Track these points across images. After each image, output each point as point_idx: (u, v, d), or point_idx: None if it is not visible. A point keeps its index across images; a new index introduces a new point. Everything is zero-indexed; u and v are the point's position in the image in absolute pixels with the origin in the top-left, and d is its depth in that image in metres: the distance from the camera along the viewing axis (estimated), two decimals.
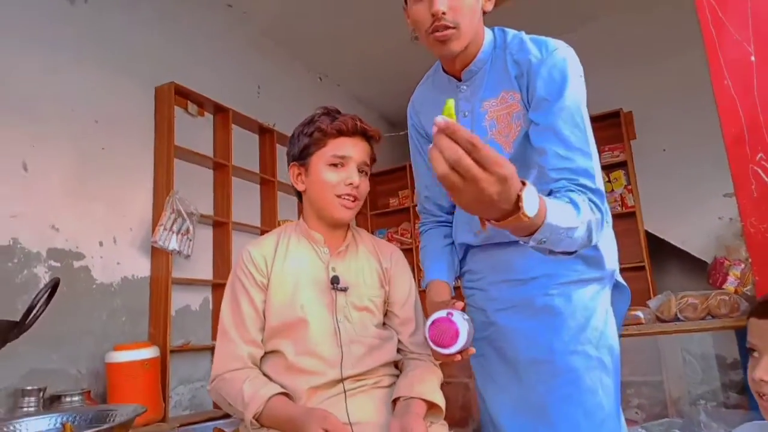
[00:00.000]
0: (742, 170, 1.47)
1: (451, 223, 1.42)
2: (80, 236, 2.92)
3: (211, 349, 3.56)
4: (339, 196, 1.26)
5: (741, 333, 2.34)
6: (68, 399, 2.48)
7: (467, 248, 1.37)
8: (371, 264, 1.35)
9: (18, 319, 1.22)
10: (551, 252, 0.93)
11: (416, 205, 5.31)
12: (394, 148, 5.97)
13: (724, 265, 3.61)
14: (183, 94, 3.60)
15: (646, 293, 4.10)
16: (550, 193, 1.05)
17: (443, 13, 1.09)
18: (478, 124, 1.21)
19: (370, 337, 1.26)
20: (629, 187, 4.37)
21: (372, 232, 6.11)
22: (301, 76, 5.04)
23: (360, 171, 1.28)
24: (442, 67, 1.29)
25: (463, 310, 1.11)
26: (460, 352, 1.05)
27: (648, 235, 4.29)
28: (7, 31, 2.71)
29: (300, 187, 1.32)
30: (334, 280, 1.24)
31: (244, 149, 4.12)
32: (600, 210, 1.02)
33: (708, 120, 3.63)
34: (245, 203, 4.05)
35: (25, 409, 2.36)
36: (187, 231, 3.30)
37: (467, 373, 3.50)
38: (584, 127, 1.09)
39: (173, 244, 3.20)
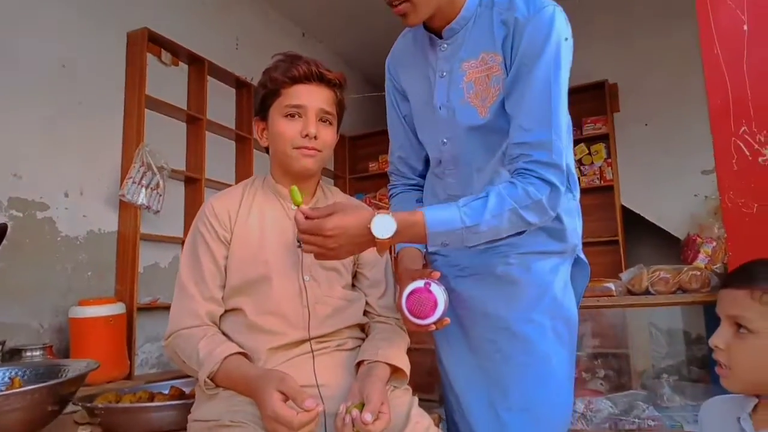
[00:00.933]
0: (725, 143, 1.43)
1: (422, 187, 1.37)
2: (45, 186, 2.80)
3: None
4: (297, 148, 1.17)
5: (709, 308, 2.35)
6: (28, 354, 2.41)
7: None
8: None
9: None
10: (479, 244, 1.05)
11: None
12: (374, 110, 5.87)
13: (696, 242, 3.65)
14: (156, 42, 3.44)
15: (619, 267, 4.13)
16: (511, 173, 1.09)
17: None
18: (454, 86, 1.15)
19: (336, 297, 1.20)
20: (609, 160, 4.36)
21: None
22: (282, 31, 4.87)
23: (322, 120, 1.20)
24: (424, 24, 1.21)
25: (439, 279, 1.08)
26: (435, 323, 1.03)
27: (624, 209, 4.30)
28: None
29: (263, 143, 1.25)
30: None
31: (220, 103, 3.99)
32: (548, 183, 1.03)
33: (693, 96, 3.64)
34: (219, 160, 3.94)
35: None
36: (157, 185, 3.19)
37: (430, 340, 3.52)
38: (556, 96, 1.05)
39: (142, 198, 3.10)
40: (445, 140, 1.19)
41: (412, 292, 1.03)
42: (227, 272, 1.18)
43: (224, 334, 1.17)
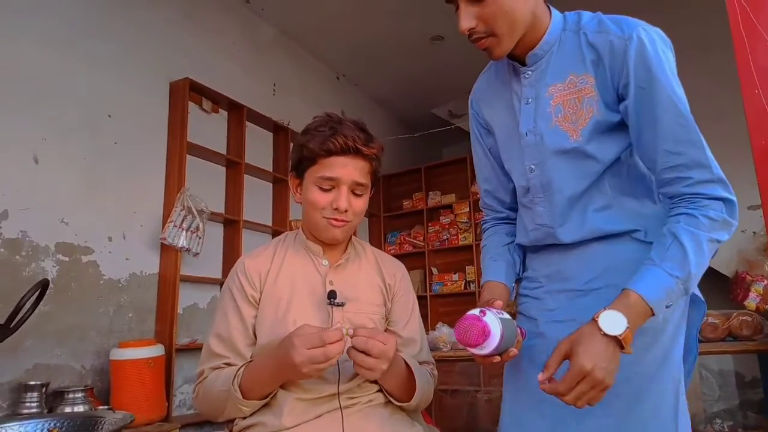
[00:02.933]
0: None
1: (513, 220, 1.33)
2: (90, 231, 2.90)
3: None
4: (327, 218, 1.19)
5: (764, 355, 2.24)
6: (70, 396, 2.45)
7: (525, 251, 1.29)
8: (373, 279, 1.28)
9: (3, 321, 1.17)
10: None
11: (430, 209, 5.21)
12: (407, 150, 5.92)
13: (746, 281, 3.50)
14: (198, 90, 3.57)
15: None
16: (667, 202, 1.04)
17: (472, 29, 1.04)
18: (541, 110, 1.12)
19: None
20: None
21: (384, 234, 6.08)
22: (318, 75, 5.00)
23: (354, 192, 1.21)
24: None
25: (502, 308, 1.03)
26: (499, 354, 0.98)
27: None
28: (24, 23, 2.70)
29: (297, 199, 1.27)
30: (331, 295, 1.17)
31: (258, 147, 4.10)
32: (723, 200, 0.99)
33: (737, 129, 3.54)
34: (257, 202, 4.02)
35: (27, 404, 2.34)
36: (197, 228, 3.27)
37: (472, 382, 3.43)
38: (688, 112, 1.01)
39: (182, 241, 3.18)
40: (532, 167, 1.15)
41: (461, 320, 0.98)
42: (257, 331, 1.18)
43: None
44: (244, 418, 1.14)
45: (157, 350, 2.82)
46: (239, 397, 1.08)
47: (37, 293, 1.44)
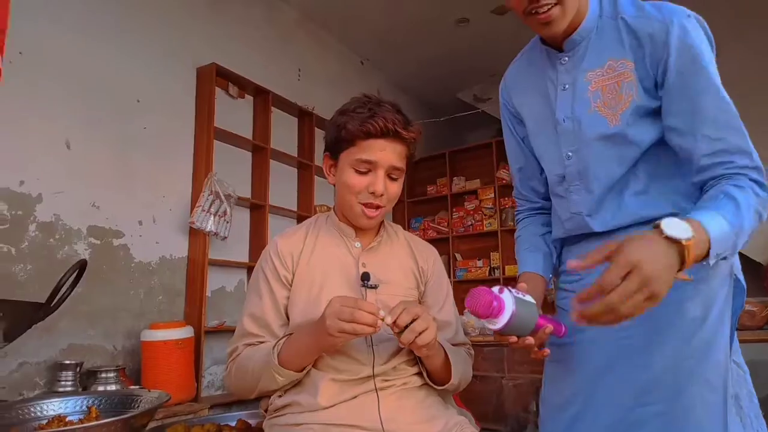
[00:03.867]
0: None
1: (548, 210, 1.31)
2: (120, 215, 2.96)
3: None
4: (362, 203, 1.18)
5: None
6: (103, 375, 2.52)
7: (562, 244, 1.26)
8: (407, 262, 1.28)
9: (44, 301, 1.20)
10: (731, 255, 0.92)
11: (454, 194, 5.20)
12: (432, 135, 5.89)
13: None
14: (224, 76, 3.59)
15: None
16: (702, 187, 0.99)
17: None
18: (579, 96, 1.10)
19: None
20: None
21: (408, 220, 6.08)
22: (342, 60, 4.99)
23: (390, 176, 1.19)
24: (540, 39, 1.19)
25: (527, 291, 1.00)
26: (516, 335, 0.96)
27: None
28: (53, 11, 2.74)
29: (331, 180, 1.26)
30: (365, 277, 1.17)
31: (283, 132, 4.12)
32: (763, 187, 0.95)
33: None
34: (283, 187, 4.05)
35: (62, 383, 2.42)
36: (225, 213, 3.31)
37: (497, 368, 3.42)
38: (728, 100, 0.98)
39: (210, 225, 3.22)
40: (570, 153, 1.14)
41: (475, 288, 0.96)
42: (289, 312, 1.19)
43: None
44: (280, 396, 1.16)
45: (186, 332, 2.87)
46: (277, 364, 1.08)
47: (75, 273, 1.48)
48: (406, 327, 1.01)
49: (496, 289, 0.96)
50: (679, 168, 1.07)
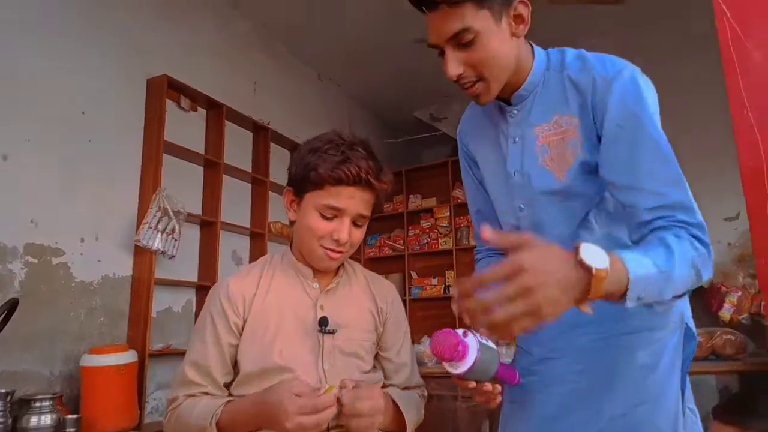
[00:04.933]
0: (760, 206, 1.37)
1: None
2: (60, 232, 2.80)
3: None
4: (323, 247, 1.14)
5: (745, 376, 2.22)
6: (37, 404, 2.36)
7: None
8: (365, 303, 1.23)
9: None
10: (657, 303, 0.85)
11: (410, 212, 5.16)
12: (388, 152, 5.88)
13: (721, 291, 3.54)
14: (176, 88, 3.48)
15: None
16: (640, 239, 0.96)
17: (460, 75, 1.01)
18: (528, 151, 1.10)
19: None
20: None
21: (364, 237, 6.02)
22: (298, 74, 4.93)
23: (354, 223, 1.15)
24: None
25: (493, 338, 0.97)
26: (475, 380, 0.94)
27: None
28: None
29: (291, 216, 1.20)
30: (323, 322, 1.12)
31: (237, 147, 4.01)
32: (704, 244, 0.91)
33: (713, 147, 3.60)
34: (235, 203, 3.94)
35: None
36: (173, 230, 3.19)
37: (452, 388, 3.41)
38: (671, 154, 0.97)
39: (157, 243, 3.09)
40: (522, 206, 1.13)
41: (439, 332, 0.93)
42: (239, 360, 1.12)
43: None
44: None
45: (129, 356, 2.73)
46: None
47: (4, 315, 1.36)
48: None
49: (460, 332, 0.93)
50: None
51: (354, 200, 1.11)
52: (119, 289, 3.09)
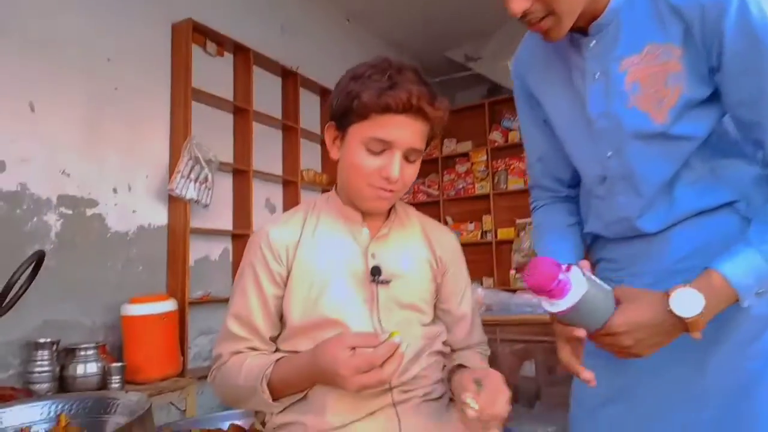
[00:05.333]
0: None
1: (576, 198, 1.16)
2: (93, 182, 2.77)
3: None
4: (372, 186, 0.99)
5: None
6: (82, 353, 2.39)
7: (595, 237, 1.11)
8: (421, 251, 1.10)
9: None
10: None
11: (445, 157, 5.00)
12: None
13: None
14: (201, 32, 3.36)
15: None
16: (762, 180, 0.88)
17: (527, 10, 0.86)
18: (615, 89, 0.93)
19: (417, 337, 1.03)
20: None
21: None
22: (326, 17, 4.73)
23: (406, 158, 1.00)
24: None
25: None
26: (584, 325, 0.82)
27: None
28: None
29: (334, 155, 1.06)
30: (375, 271, 1.00)
31: (266, 93, 3.90)
32: None
33: None
34: (267, 151, 3.86)
35: (39, 363, 2.28)
36: (206, 179, 3.14)
37: (491, 331, 3.32)
38: None
39: (191, 192, 3.05)
40: (610, 154, 0.97)
41: (538, 258, 0.80)
42: (285, 314, 1.02)
43: None
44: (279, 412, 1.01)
45: (169, 305, 2.74)
46: (268, 399, 0.94)
47: (32, 266, 1.31)
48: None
49: (564, 266, 0.80)
50: (739, 148, 0.92)
51: (405, 131, 0.96)
52: (156, 239, 3.08)
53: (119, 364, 2.48)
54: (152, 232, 3.06)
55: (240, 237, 3.51)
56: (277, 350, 1.04)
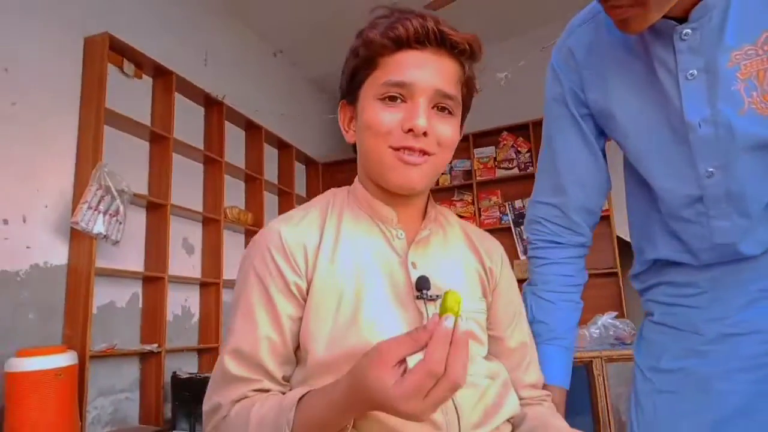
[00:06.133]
0: None
1: (586, 253, 1.01)
2: None
3: (139, 354, 3.01)
4: (396, 149, 0.75)
5: None
6: None
7: (655, 261, 0.95)
8: (469, 261, 0.86)
9: None
10: None
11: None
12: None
13: None
14: (118, 50, 3.02)
15: (618, 299, 3.92)
16: None
17: None
18: (723, 88, 0.77)
19: (480, 375, 0.77)
20: None
21: None
22: (253, 49, 4.51)
23: (437, 107, 0.76)
24: None
25: None
26: None
27: (620, 240, 4.10)
28: None
29: (349, 138, 0.84)
30: (422, 284, 0.75)
31: (188, 122, 3.57)
32: None
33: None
34: (186, 184, 3.50)
35: None
36: (117, 211, 2.74)
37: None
38: None
39: (99, 226, 2.64)
40: (711, 169, 0.80)
41: None
42: (306, 342, 0.74)
43: None
44: None
45: (68, 358, 2.30)
46: None
47: None
48: None
49: None
50: None
51: (425, 69, 0.74)
52: (52, 281, 2.62)
53: None
54: (49, 272, 2.60)
55: (152, 280, 3.10)
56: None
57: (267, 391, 0.72)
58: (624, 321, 2.14)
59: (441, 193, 4.71)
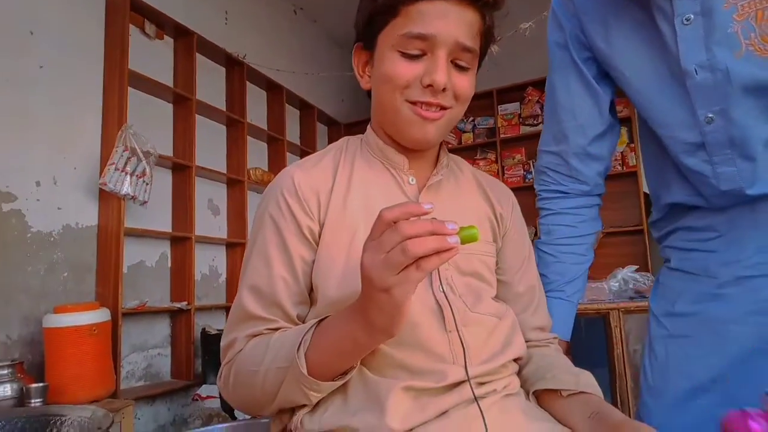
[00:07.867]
0: None
1: (599, 201, 1.02)
2: (12, 174, 2.37)
3: (169, 312, 3.11)
4: (413, 103, 0.75)
5: None
6: None
7: (672, 206, 0.94)
8: (480, 206, 0.88)
9: None
10: None
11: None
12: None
13: None
14: (139, 10, 3.01)
15: (644, 257, 3.88)
16: None
17: None
18: (719, 31, 0.76)
19: (487, 314, 0.79)
20: (632, 145, 4.07)
21: None
22: (273, 6, 4.45)
23: (456, 62, 0.75)
24: None
25: None
26: None
27: (647, 196, 4.03)
28: None
29: (365, 84, 0.83)
30: None
31: (209, 83, 3.58)
32: None
33: None
34: (209, 146, 3.54)
35: None
36: (143, 173, 2.78)
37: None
38: None
39: (126, 188, 2.69)
40: (710, 115, 0.80)
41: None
42: (317, 284, 0.76)
43: None
44: (313, 411, 0.72)
45: (101, 315, 2.38)
46: (308, 376, 0.65)
47: None
48: None
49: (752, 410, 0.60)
50: None
51: (447, 20, 0.72)
52: (84, 241, 2.69)
53: (40, 384, 2.10)
54: (80, 232, 2.68)
55: (180, 240, 3.16)
56: None
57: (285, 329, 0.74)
58: (644, 274, 2.11)
59: (464, 152, 4.65)
